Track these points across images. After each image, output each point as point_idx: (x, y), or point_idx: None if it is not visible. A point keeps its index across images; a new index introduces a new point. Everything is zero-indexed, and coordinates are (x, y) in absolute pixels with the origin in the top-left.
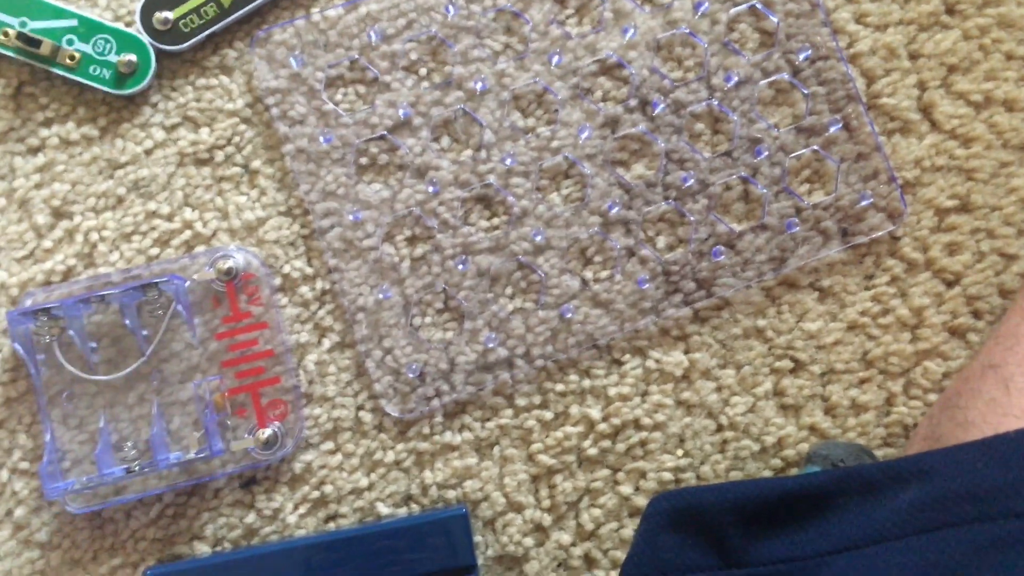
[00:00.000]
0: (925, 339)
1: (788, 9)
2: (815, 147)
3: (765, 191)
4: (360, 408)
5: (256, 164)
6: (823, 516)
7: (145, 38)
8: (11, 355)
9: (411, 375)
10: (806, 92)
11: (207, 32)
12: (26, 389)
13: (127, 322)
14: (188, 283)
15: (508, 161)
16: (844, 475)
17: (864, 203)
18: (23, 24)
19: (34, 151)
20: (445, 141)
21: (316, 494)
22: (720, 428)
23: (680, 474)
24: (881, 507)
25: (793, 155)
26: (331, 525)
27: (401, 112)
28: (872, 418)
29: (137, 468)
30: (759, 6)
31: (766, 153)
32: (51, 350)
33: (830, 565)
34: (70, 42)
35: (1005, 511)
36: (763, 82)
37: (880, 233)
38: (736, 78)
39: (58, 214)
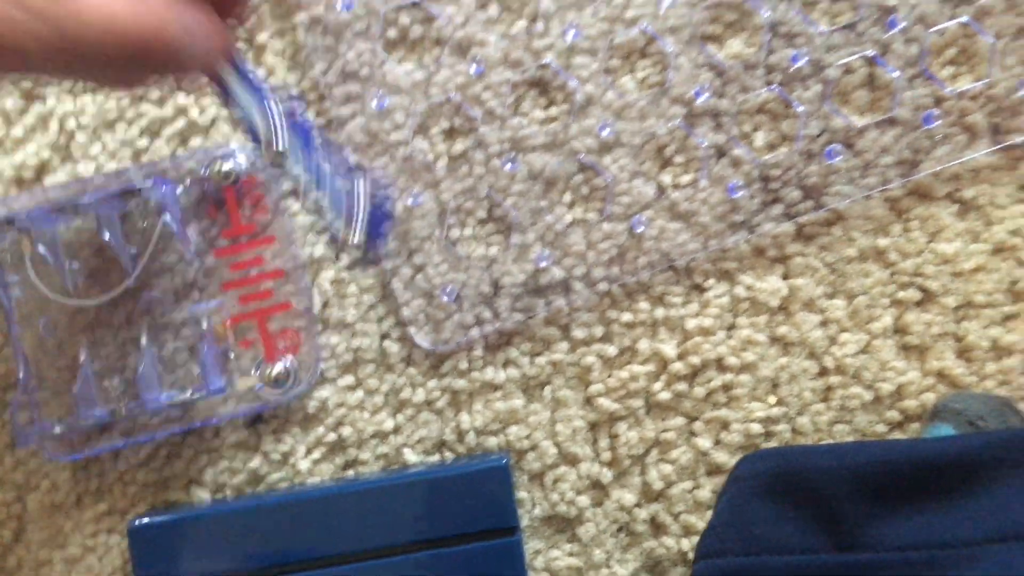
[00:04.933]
0: None
1: None
2: (964, 19)
3: (897, 74)
4: (385, 337)
5: (262, 38)
6: (973, 493)
7: None
8: None
9: (446, 299)
10: None
11: None
12: None
13: (107, 237)
14: (180, 188)
15: (570, 35)
16: (1002, 441)
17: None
18: None
19: None
20: (493, 10)
21: (332, 437)
22: (824, 372)
23: (772, 426)
24: None
25: (935, 29)
26: (349, 473)
27: None
28: (1017, 363)
29: (123, 410)
30: None
31: (901, 26)
32: (22, 269)
33: (986, 557)
34: None
35: None
36: None
37: None
38: None
39: (29, 96)
